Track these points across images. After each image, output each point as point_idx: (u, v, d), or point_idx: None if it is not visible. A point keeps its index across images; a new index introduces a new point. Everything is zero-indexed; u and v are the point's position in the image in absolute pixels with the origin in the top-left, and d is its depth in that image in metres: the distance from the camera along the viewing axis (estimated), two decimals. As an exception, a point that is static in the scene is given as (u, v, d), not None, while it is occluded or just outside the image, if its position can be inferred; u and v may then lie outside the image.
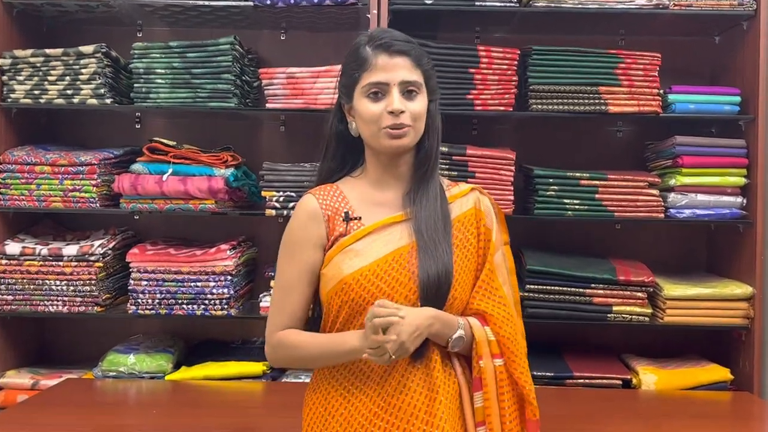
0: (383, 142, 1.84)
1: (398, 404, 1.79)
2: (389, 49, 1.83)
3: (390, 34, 1.87)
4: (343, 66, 1.92)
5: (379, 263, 1.82)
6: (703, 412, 2.75)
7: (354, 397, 1.82)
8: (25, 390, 3.06)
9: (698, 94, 3.11)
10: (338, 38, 3.44)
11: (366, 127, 1.86)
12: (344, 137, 1.94)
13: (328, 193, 1.91)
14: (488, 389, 1.83)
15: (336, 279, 1.83)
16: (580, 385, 2.98)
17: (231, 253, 3.12)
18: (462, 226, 1.91)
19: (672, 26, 3.28)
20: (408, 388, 1.80)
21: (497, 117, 3.20)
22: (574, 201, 3.07)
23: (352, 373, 1.83)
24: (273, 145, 3.48)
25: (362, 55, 1.85)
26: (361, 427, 1.79)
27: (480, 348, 1.84)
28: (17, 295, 3.10)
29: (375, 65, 1.83)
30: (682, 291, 3.02)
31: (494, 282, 1.91)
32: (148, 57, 3.12)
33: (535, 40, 3.17)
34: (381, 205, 1.90)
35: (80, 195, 3.10)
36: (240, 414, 2.67)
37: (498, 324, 1.86)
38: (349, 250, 1.84)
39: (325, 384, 1.87)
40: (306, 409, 1.92)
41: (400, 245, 1.84)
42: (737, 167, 3.09)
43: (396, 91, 1.82)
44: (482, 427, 1.83)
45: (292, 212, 1.94)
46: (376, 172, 1.92)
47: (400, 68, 1.83)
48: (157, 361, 3.11)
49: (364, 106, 1.84)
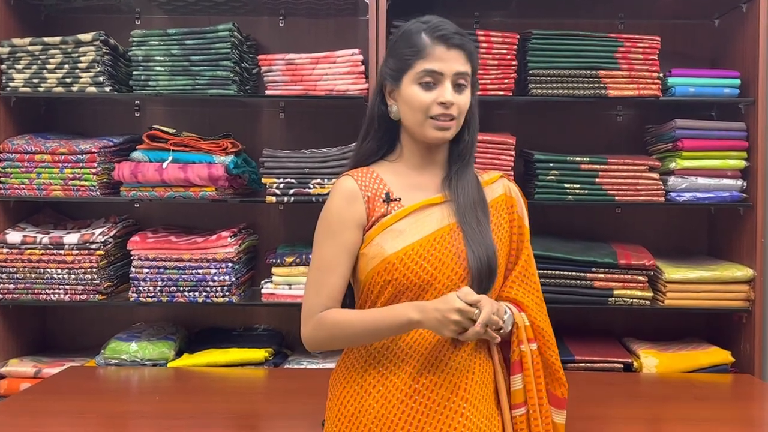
0: (427, 132, 1.86)
1: (438, 381, 1.82)
2: (448, 41, 1.84)
3: (448, 25, 1.87)
4: (393, 48, 1.92)
5: (422, 243, 1.83)
6: (704, 394, 2.75)
7: (392, 373, 1.84)
8: (27, 378, 3.07)
9: (698, 77, 3.10)
10: (337, 24, 3.44)
11: (411, 114, 1.87)
12: (385, 120, 1.94)
13: (366, 175, 1.92)
14: (528, 372, 1.89)
15: (379, 258, 1.84)
16: (582, 369, 3.00)
17: (232, 240, 3.12)
18: (495, 211, 1.94)
19: (671, 9, 3.27)
20: (447, 366, 1.83)
21: (497, 102, 3.20)
22: (575, 185, 3.07)
23: (391, 351, 1.85)
24: (273, 131, 3.48)
25: (420, 41, 1.85)
26: (399, 403, 1.82)
27: (520, 333, 1.89)
28: (19, 284, 3.11)
29: (432, 54, 1.84)
30: (682, 274, 3.02)
31: (531, 268, 1.97)
32: (146, 44, 3.11)
33: (535, 25, 3.17)
34: (420, 188, 1.92)
35: (80, 183, 3.10)
36: (243, 400, 2.67)
37: (534, 310, 1.93)
38: (391, 230, 1.85)
39: (360, 361, 1.88)
40: (337, 388, 1.92)
41: (441, 226, 1.86)
42: (737, 150, 3.08)
43: (449, 83, 1.84)
44: (520, 408, 1.88)
45: (329, 196, 1.93)
46: (413, 158, 1.94)
47: (455, 61, 1.84)
48: (159, 348, 3.12)
49: (415, 92, 1.85)
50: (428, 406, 1.81)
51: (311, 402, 2.36)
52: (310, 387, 2.67)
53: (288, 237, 3.44)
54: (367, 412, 1.83)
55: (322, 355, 3.16)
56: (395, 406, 1.81)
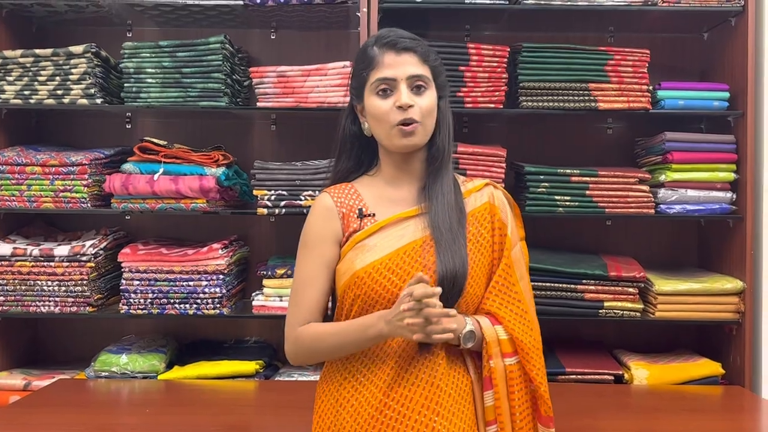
0: (395, 142, 1.87)
1: (408, 394, 1.81)
2: (395, 46, 1.87)
3: (396, 32, 1.90)
4: (353, 68, 1.96)
5: (391, 257, 1.84)
6: (694, 406, 2.76)
7: (364, 387, 1.84)
8: (17, 391, 3.05)
9: (687, 90, 3.12)
10: (328, 37, 3.45)
11: (378, 126, 1.89)
12: (358, 138, 1.98)
13: (342, 191, 1.94)
14: (498, 389, 1.85)
15: (349, 273, 1.85)
16: (573, 380, 3.00)
17: (223, 252, 3.12)
18: (476, 220, 1.93)
19: (661, 23, 3.29)
20: (418, 379, 1.82)
21: (488, 114, 3.21)
22: (565, 198, 3.08)
23: (364, 364, 1.85)
24: (264, 143, 3.48)
25: (370, 54, 1.89)
26: (370, 417, 1.81)
27: (490, 348, 1.86)
28: (9, 296, 3.09)
29: (382, 62, 1.87)
30: (673, 286, 3.03)
31: (511, 278, 1.92)
32: (138, 57, 3.11)
33: (525, 38, 3.19)
34: (396, 201, 1.93)
35: (71, 195, 3.09)
36: (233, 412, 2.66)
37: (511, 322, 1.88)
38: (362, 245, 1.86)
39: (336, 375, 1.89)
40: (317, 401, 1.94)
41: (413, 239, 1.86)
42: (727, 162, 3.10)
43: (404, 87, 1.86)
44: (493, 426, 1.84)
45: (309, 214, 1.96)
46: (389, 170, 1.95)
47: (407, 64, 1.87)
48: (149, 360, 3.11)
49: (374, 103, 1.87)
50: (399, 420, 1.80)
51: (302, 414, 2.35)
52: (301, 399, 2.65)
53: (279, 249, 3.43)
54: (341, 426, 1.84)
55: (313, 368, 3.15)
56: (366, 420, 1.81)
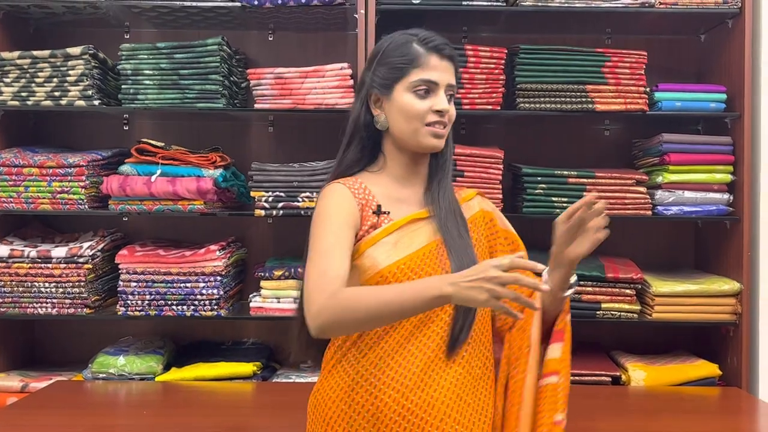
0: (423, 140, 1.87)
1: (429, 400, 1.77)
2: (442, 51, 1.87)
3: (438, 36, 1.89)
4: (383, 57, 1.90)
5: (413, 257, 1.83)
6: (692, 408, 2.76)
7: (381, 392, 1.77)
8: (14, 393, 3.05)
9: (684, 92, 3.12)
10: (326, 38, 3.46)
11: (406, 123, 1.87)
12: (368, 129, 1.94)
13: (354, 184, 1.91)
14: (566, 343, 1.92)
15: (373, 270, 1.81)
16: (570, 382, 2.99)
17: (220, 254, 3.12)
18: (475, 227, 1.95)
19: (658, 25, 3.30)
20: (439, 384, 1.78)
21: (485, 116, 3.22)
22: (563, 199, 3.08)
23: (380, 369, 1.79)
24: (261, 145, 3.48)
25: (413, 50, 1.87)
26: (391, 422, 1.76)
27: (567, 303, 1.91)
28: (6, 298, 3.09)
29: (428, 64, 1.86)
30: (670, 288, 3.04)
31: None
32: (135, 58, 3.11)
33: (523, 39, 3.19)
34: (403, 201, 1.92)
35: (69, 197, 3.09)
36: (231, 414, 2.66)
37: None
38: (384, 243, 1.84)
39: (347, 380, 1.82)
40: (322, 409, 1.86)
41: (429, 241, 1.86)
42: (724, 164, 3.10)
43: (443, 92, 1.86)
44: (554, 376, 1.88)
45: (319, 200, 1.88)
46: (397, 169, 1.94)
47: (448, 72, 1.88)
48: (147, 362, 3.11)
49: (409, 100, 1.86)
50: (420, 426, 1.75)
51: (299, 416, 2.34)
52: (299, 401, 2.63)
53: (277, 250, 3.43)
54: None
55: (311, 369, 3.15)
56: (387, 425, 1.76)
